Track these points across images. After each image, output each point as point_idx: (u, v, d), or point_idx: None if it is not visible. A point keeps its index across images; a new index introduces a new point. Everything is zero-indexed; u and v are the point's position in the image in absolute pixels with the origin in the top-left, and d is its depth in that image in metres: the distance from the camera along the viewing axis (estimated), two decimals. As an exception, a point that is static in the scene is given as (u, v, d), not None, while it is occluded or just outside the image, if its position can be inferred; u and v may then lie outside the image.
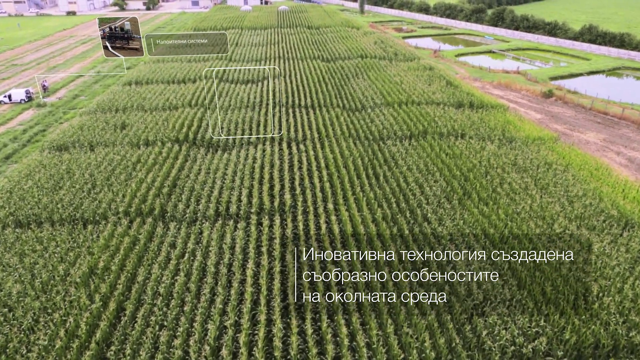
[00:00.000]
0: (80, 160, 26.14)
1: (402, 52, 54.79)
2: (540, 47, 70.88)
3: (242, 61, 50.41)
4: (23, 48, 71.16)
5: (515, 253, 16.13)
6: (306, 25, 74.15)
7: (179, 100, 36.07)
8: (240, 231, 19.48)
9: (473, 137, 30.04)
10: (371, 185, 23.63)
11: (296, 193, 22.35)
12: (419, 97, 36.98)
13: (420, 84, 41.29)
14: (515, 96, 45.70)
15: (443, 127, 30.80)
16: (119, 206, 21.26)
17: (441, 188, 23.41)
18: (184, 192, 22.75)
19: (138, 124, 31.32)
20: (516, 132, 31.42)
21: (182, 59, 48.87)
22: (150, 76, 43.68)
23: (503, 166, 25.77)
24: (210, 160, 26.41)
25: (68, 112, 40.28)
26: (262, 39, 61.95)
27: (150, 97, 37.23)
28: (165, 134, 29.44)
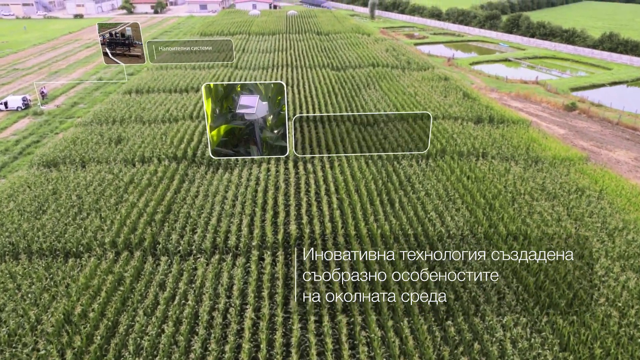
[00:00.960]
0: (69, 179, 24.08)
1: (415, 60, 52.47)
2: (558, 55, 68.25)
3: (248, 69, 48.35)
4: (27, 52, 69.77)
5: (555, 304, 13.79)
6: (315, 31, 72.09)
7: (180, 112, 34.01)
8: (238, 269, 17.25)
9: (495, 157, 27.63)
10: (386, 213, 21.31)
11: (302, 223, 20.09)
12: (435, 111, 34.63)
13: (436, 95, 38.93)
14: (536, 109, 43.18)
15: (462, 145, 28.43)
16: (105, 236, 19.12)
17: (464, 218, 21.04)
18: (178, 220, 20.58)
19: (135, 138, 29.27)
20: (541, 151, 28.97)
21: (186, 65, 46.91)
22: (151, 84, 41.73)
23: (531, 192, 23.34)
24: (210, 180, 24.23)
25: (65, 122, 38.40)
26: (269, 45, 59.93)
27: (150, 108, 35.22)
28: (162, 149, 27.34)
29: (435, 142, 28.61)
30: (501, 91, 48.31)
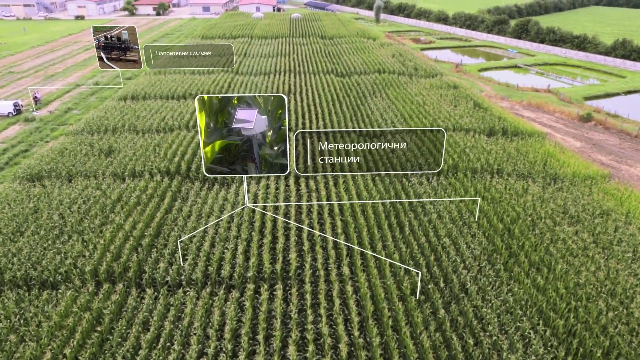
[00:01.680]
0: (53, 195, 22.33)
1: (422, 66, 50.67)
2: (568, 62, 66.33)
3: (249, 74, 46.62)
4: (24, 54, 68.30)
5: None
6: (319, 35, 70.40)
7: (176, 121, 32.27)
8: (231, 305, 15.43)
9: (512, 174, 25.75)
10: (395, 239, 19.46)
11: (304, 250, 18.27)
12: (445, 122, 32.79)
13: (445, 105, 37.10)
14: (549, 119, 41.29)
15: (476, 161, 26.57)
16: (86, 263, 17.33)
17: (481, 246, 19.17)
18: (168, 245, 18.79)
19: (126, 150, 27.53)
20: (560, 167, 27.07)
21: (185, 70, 45.20)
22: (148, 90, 40.04)
23: (552, 215, 21.45)
24: (204, 199, 22.44)
25: (57, 129, 36.71)
26: (272, 50, 58.23)
27: (145, 116, 33.50)
28: (155, 163, 25.59)
29: (446, 157, 26.77)
30: (512, 100, 46.43)
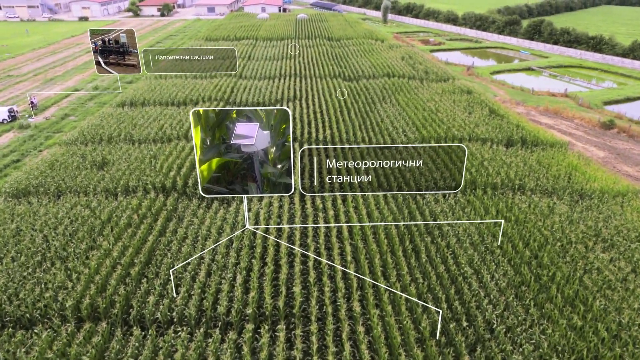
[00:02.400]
0: (39, 214, 20.64)
1: (433, 69, 48.65)
2: (584, 64, 63.99)
3: (253, 78, 44.84)
4: (25, 56, 67.01)
5: None
6: (326, 37, 68.53)
7: (174, 130, 30.54)
8: (228, 350, 13.61)
9: (535, 190, 23.74)
10: (410, 267, 17.56)
11: (310, 281, 16.41)
12: (460, 131, 30.81)
13: (459, 112, 35.09)
14: (568, 126, 39.15)
15: (495, 175, 24.58)
16: (67, 298, 15.57)
17: (506, 276, 17.22)
18: (159, 274, 17.01)
19: (120, 162, 25.81)
20: (586, 182, 25.02)
21: (186, 74, 43.50)
22: (147, 95, 38.36)
23: (583, 239, 19.44)
24: (202, 219, 20.65)
25: (52, 137, 35.12)
26: (277, 52, 56.42)
27: (142, 124, 31.79)
28: (150, 177, 23.83)
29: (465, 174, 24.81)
30: (528, 105, 44.31)
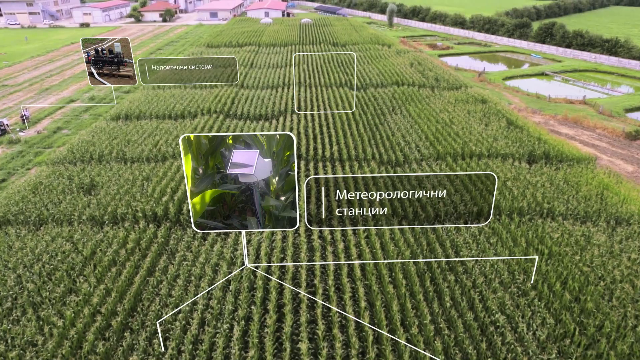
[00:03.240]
0: (14, 249, 18.53)
1: (444, 76, 46.36)
2: (599, 68, 61.48)
3: (255, 88, 42.73)
4: (22, 65, 65.34)
5: None
6: (331, 42, 66.40)
7: (170, 147, 28.42)
8: None
9: (566, 215, 21.38)
10: (433, 315, 15.26)
11: (318, 334, 14.16)
12: (478, 145, 28.49)
13: (475, 123, 32.78)
14: (590, 136, 36.73)
15: (521, 198, 22.24)
16: (35, 357, 13.38)
17: (545, 326, 14.88)
18: (145, 323, 14.81)
19: (110, 185, 23.70)
20: (620, 203, 22.61)
21: (185, 84, 41.44)
22: (143, 107, 36.29)
23: (629, 277, 17.07)
24: (196, 253, 18.46)
25: (42, 152, 33.13)
26: (280, 59, 54.32)
27: (137, 140, 29.71)
28: (141, 203, 21.68)
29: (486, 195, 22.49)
30: (545, 113, 41.92)
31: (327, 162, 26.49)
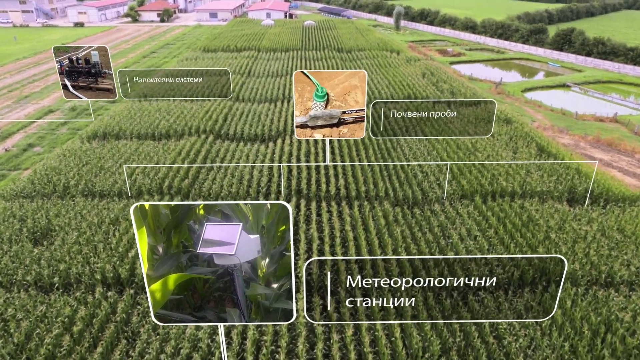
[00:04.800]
0: None
1: (459, 89, 42.16)
2: (624, 79, 57.17)
3: (251, 101, 38.53)
4: (5, 68, 61.27)
5: None
6: (335, 47, 62.17)
7: (148, 177, 24.19)
8: None
9: (635, 285, 17.12)
10: None
11: None
12: (509, 180, 24.25)
13: (502, 149, 28.54)
14: (630, 163, 32.42)
15: (572, 258, 17.99)
16: None
17: None
18: None
19: (69, 231, 19.52)
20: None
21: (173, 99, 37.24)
22: (124, 124, 32.10)
23: None
24: (163, 338, 14.23)
25: (7, 176, 28.98)
26: (281, 66, 50.11)
27: (111, 167, 25.53)
28: (102, 260, 17.50)
29: (525, 251, 18.21)
30: (574, 133, 37.63)
31: (332, 202, 22.27)
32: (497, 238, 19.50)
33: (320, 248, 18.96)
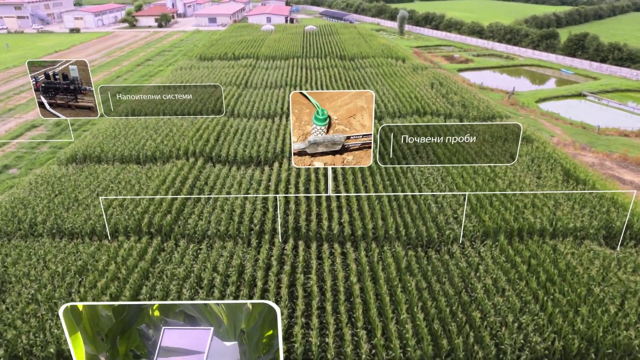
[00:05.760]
0: None
1: (471, 101, 39.24)
2: (643, 87, 54.11)
3: (247, 116, 35.70)
4: (-7, 78, 58.70)
5: None
6: (338, 55, 59.30)
7: (124, 212, 21.31)
8: None
9: (699, 356, 14.12)
10: None
11: None
12: (536, 214, 21.23)
13: (524, 174, 25.56)
14: (662, 186, 29.38)
15: (622, 324, 14.99)
16: None
17: None
18: None
19: (27, 284, 16.63)
20: None
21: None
22: (107, 144, 29.31)
23: None
24: None
25: (-25, 205, 26.14)
26: (280, 76, 47.25)
27: (86, 198, 22.67)
28: (57, 329, 14.60)
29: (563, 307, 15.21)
30: (597, 150, 34.59)
31: (335, 243, 19.33)
32: (530, 292, 16.53)
33: (321, 304, 16.05)
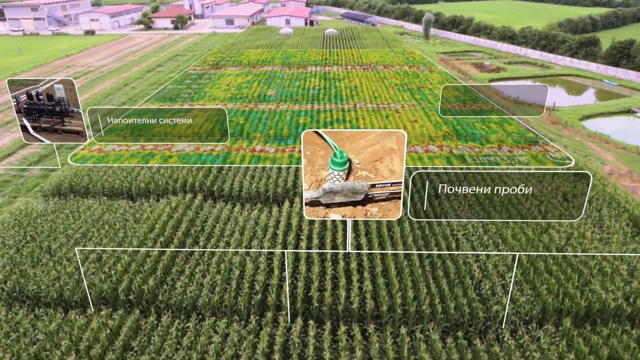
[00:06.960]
0: None
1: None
2: (699, 103, 48.48)
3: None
4: (-1, 84, 56.34)
5: None
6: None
7: (104, 268, 17.72)
8: None
9: None
10: None
11: None
12: (607, 286, 16.88)
13: (584, 225, 21.12)
14: None
15: None
16: None
17: None
18: None
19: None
20: None
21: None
22: (96, 174, 25.89)
23: None
24: None
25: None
26: (296, 89, 43.42)
27: (63, 245, 19.18)
28: None
29: None
30: (660, 184, 29.76)
31: (354, 323, 15.36)
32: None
33: None
